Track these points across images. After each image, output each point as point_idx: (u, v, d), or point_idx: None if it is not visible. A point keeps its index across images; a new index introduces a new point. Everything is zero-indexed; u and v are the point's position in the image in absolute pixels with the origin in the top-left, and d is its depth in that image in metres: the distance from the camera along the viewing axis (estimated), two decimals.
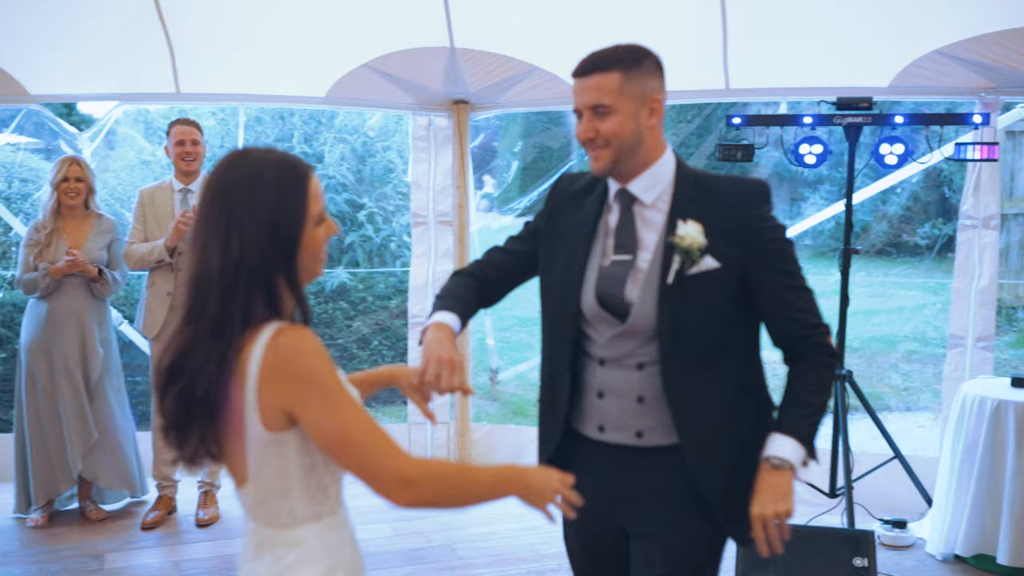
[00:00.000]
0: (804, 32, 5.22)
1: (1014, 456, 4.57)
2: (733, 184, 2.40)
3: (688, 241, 2.28)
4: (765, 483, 2.29)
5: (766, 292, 2.34)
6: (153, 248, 5.12)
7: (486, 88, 5.98)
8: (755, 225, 2.32)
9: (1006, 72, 5.23)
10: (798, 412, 2.35)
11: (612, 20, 5.38)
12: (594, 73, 2.27)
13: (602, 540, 2.50)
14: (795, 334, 2.38)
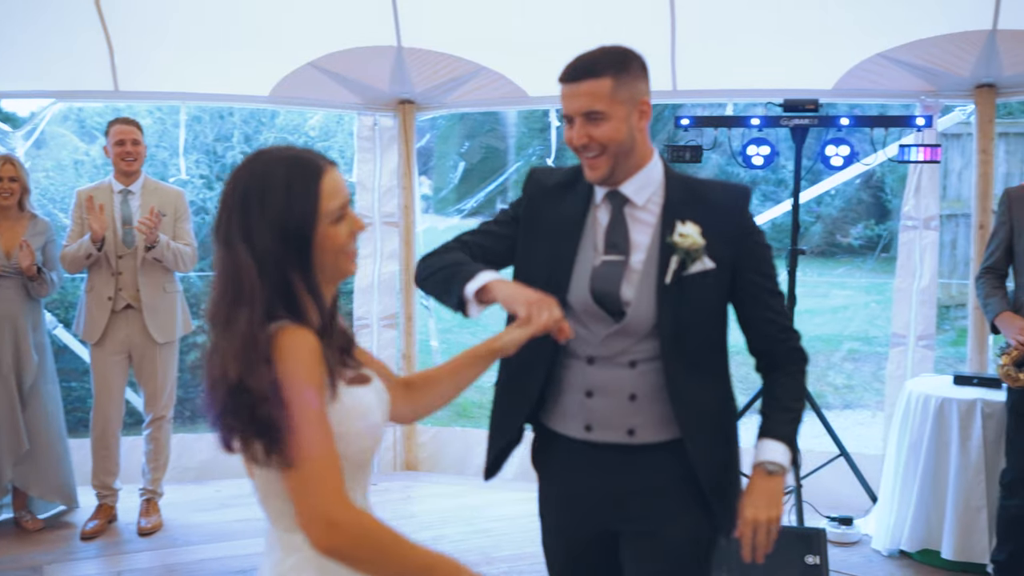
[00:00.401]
0: (751, 34, 5.26)
1: (958, 452, 4.65)
2: (720, 187, 2.44)
3: (689, 241, 2.30)
4: (760, 488, 2.32)
5: (748, 294, 2.39)
6: (80, 245, 4.98)
7: (432, 88, 5.94)
8: (746, 228, 2.38)
9: (946, 76, 5.33)
10: (785, 417, 2.40)
11: (560, 21, 5.38)
12: (586, 79, 2.25)
13: (588, 544, 2.47)
14: (773, 337, 2.43)
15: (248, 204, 1.75)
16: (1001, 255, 4.32)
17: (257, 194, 1.76)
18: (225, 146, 8.16)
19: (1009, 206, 4.30)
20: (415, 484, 6.03)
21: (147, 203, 5.10)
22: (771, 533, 2.29)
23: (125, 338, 5.12)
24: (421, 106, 6.16)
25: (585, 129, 2.26)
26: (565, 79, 2.30)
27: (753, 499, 2.30)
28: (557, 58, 2.31)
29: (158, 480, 5.31)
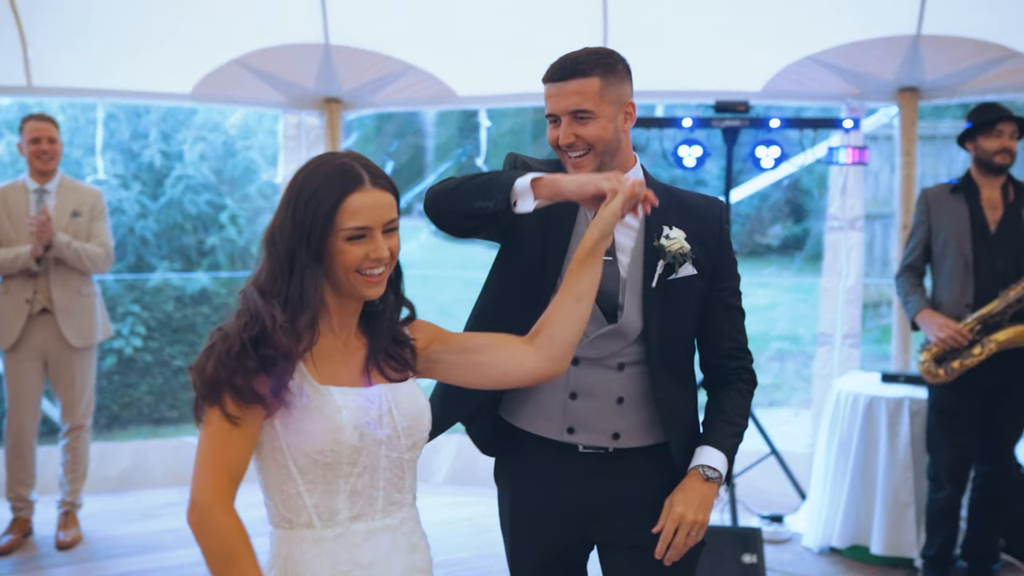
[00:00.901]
0: (683, 35, 5.28)
1: (886, 450, 4.73)
2: (699, 197, 2.45)
3: (677, 246, 2.30)
4: (694, 489, 2.27)
5: (714, 306, 2.38)
6: (17, 256, 4.78)
7: (360, 87, 5.83)
8: (724, 240, 2.40)
9: (871, 79, 5.42)
10: (729, 430, 2.37)
11: (492, 20, 5.34)
12: (574, 78, 2.24)
13: (563, 552, 2.41)
14: (728, 353, 2.42)
15: (286, 202, 1.86)
16: (920, 254, 4.42)
17: (295, 194, 1.85)
18: (141, 144, 7.92)
19: (927, 206, 4.40)
20: None
21: (64, 202, 4.92)
22: (692, 536, 2.24)
23: (40, 343, 4.92)
24: (348, 105, 6.05)
25: (572, 128, 2.25)
26: (552, 78, 2.28)
27: (685, 497, 2.25)
28: (487, 58, 2.28)
29: (77, 491, 5.11)
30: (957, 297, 4.27)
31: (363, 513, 1.90)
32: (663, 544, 2.24)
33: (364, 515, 1.90)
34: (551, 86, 2.28)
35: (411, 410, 1.94)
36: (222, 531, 1.76)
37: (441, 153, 10.13)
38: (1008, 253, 4.24)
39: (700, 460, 2.30)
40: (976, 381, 4.20)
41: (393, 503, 1.94)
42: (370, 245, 1.86)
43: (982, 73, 5.23)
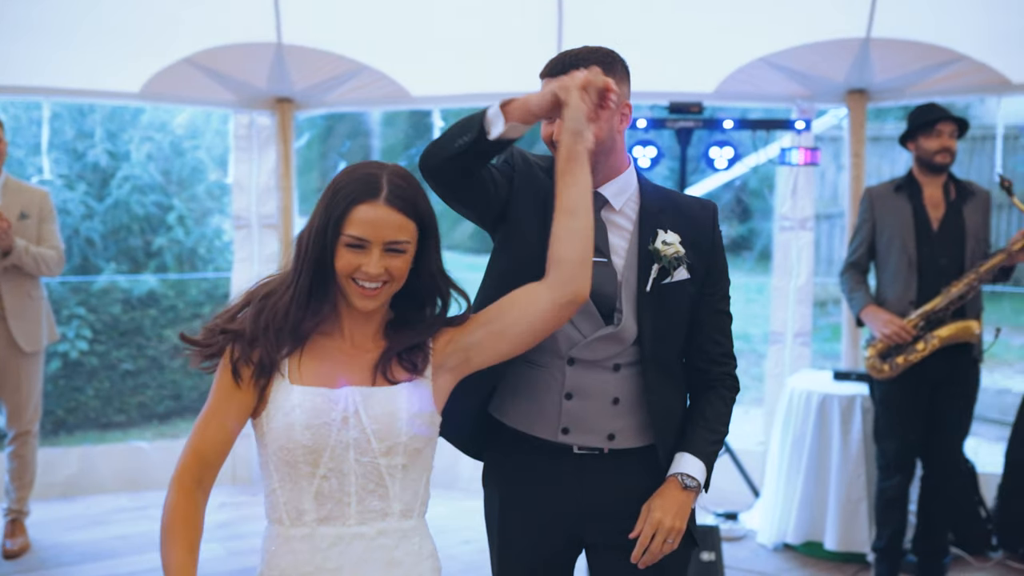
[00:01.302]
0: (637, 37, 5.29)
1: (839, 446, 4.81)
2: (692, 200, 2.45)
3: (672, 250, 2.29)
4: (672, 496, 2.26)
5: (703, 310, 2.36)
6: None
7: (312, 86, 5.78)
8: (716, 244, 2.39)
9: (821, 81, 5.50)
10: (709, 437, 2.35)
11: (447, 20, 5.33)
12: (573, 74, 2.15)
13: (553, 554, 2.39)
14: (714, 358, 2.40)
15: (320, 199, 1.95)
16: (864, 252, 4.50)
17: (327, 192, 1.94)
18: (87, 144, 7.76)
19: (871, 205, 4.48)
20: (255, 499, 5.84)
21: (10, 204, 4.80)
22: (668, 544, 2.24)
23: None
24: (300, 105, 5.99)
25: None
26: (550, 74, 2.24)
27: (664, 504, 2.25)
28: (441, 58, 2.26)
29: (24, 499, 4.99)
30: (901, 294, 4.35)
31: (331, 517, 1.91)
32: (639, 549, 2.23)
33: (333, 519, 1.91)
34: (549, 81, 2.22)
35: (381, 413, 1.91)
36: (168, 506, 1.89)
37: (393, 154, 10.08)
38: (950, 251, 4.33)
39: (679, 468, 2.30)
40: (920, 375, 4.29)
41: (370, 512, 1.92)
42: (364, 258, 1.90)
43: (929, 76, 5.33)
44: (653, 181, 2.46)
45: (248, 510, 5.52)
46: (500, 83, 5.76)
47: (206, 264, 8.13)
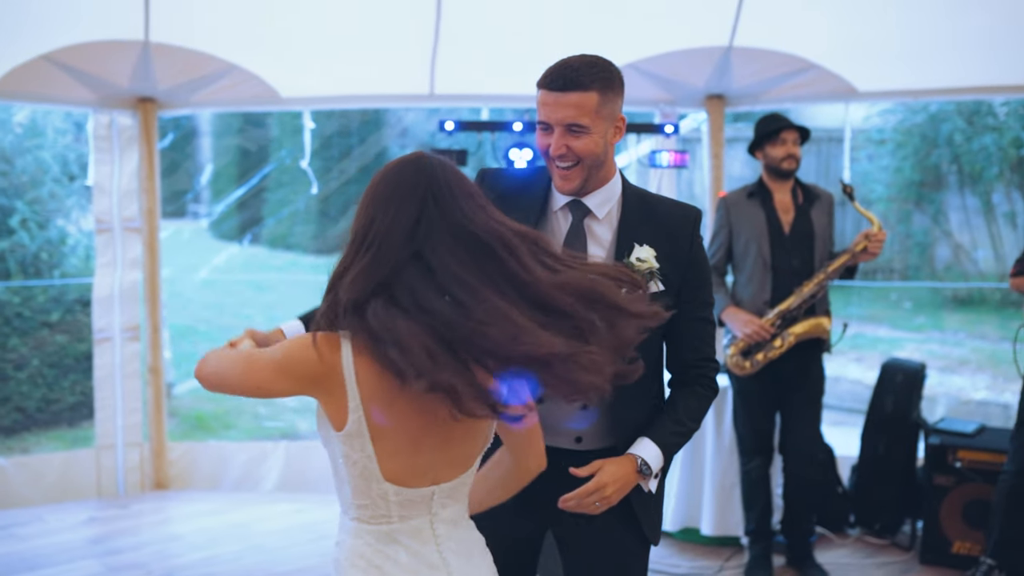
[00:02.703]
0: (513, 42, 5.41)
1: (713, 436, 5.05)
2: (674, 207, 2.47)
3: (646, 265, 2.34)
4: (625, 472, 2.30)
5: (683, 315, 2.39)
6: None
7: (179, 86, 5.62)
8: (694, 254, 2.43)
9: (683, 86, 5.73)
10: (673, 428, 2.40)
11: (323, 20, 5.28)
12: (574, 90, 2.25)
13: (515, 543, 2.44)
14: (691, 362, 2.46)
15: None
16: (722, 256, 4.75)
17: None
18: None
19: (727, 211, 4.74)
20: (171, 504, 5.69)
21: None
22: (595, 506, 2.28)
23: None
24: (163, 104, 5.81)
25: (564, 140, 2.27)
26: (550, 86, 2.27)
27: (615, 473, 2.27)
28: (313, 58, 2.28)
29: None
30: (757, 294, 4.62)
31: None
32: (576, 499, 2.26)
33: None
34: (548, 94, 2.28)
35: None
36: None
37: (263, 155, 9.86)
38: (801, 252, 4.62)
39: (639, 451, 2.34)
40: (771, 367, 4.57)
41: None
42: None
43: (783, 83, 5.64)
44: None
45: (120, 524, 5.33)
46: (373, 85, 5.78)
47: (51, 270, 7.76)
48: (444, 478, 1.92)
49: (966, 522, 4.84)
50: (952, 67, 5.47)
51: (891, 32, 5.28)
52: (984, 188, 11.30)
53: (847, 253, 4.50)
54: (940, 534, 4.88)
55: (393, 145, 10.60)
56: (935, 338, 10.35)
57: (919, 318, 11.23)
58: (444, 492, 1.93)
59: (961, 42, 5.32)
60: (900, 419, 5.25)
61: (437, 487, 1.92)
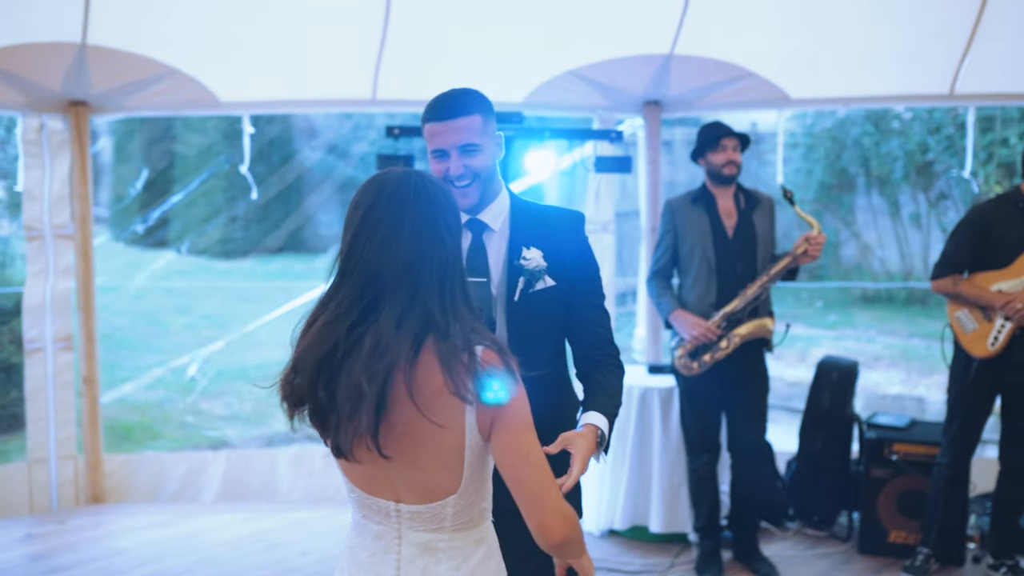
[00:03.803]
0: (458, 50, 5.44)
1: (661, 435, 5.16)
2: (559, 212, 2.76)
3: (533, 264, 2.59)
4: (591, 440, 2.41)
5: (579, 307, 2.68)
6: None
7: (113, 89, 5.49)
8: (581, 251, 2.69)
9: (621, 92, 5.84)
10: (609, 401, 2.60)
11: (267, 23, 5.24)
12: (460, 116, 2.52)
13: None
14: (595, 345, 2.69)
15: None
16: (668, 260, 4.88)
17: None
18: None
19: (672, 216, 4.87)
20: (110, 518, 5.55)
21: None
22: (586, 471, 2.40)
23: None
24: (96, 108, 5.66)
25: (461, 161, 2.54)
26: (439, 118, 2.53)
27: (587, 444, 2.37)
28: (255, 62, 2.31)
29: None
30: (702, 297, 4.75)
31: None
32: (574, 479, 2.33)
33: None
34: (438, 124, 2.54)
35: None
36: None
37: (202, 160, 9.65)
38: (744, 255, 4.78)
39: (591, 420, 2.49)
40: (718, 367, 4.70)
41: None
42: None
43: (718, 90, 5.79)
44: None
45: (59, 540, 5.19)
46: (316, 90, 5.75)
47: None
48: (408, 499, 1.98)
49: (901, 512, 5.04)
50: (879, 76, 5.69)
51: (823, 43, 5.47)
52: (891, 190, 11.74)
53: (789, 256, 4.65)
54: (877, 524, 5.07)
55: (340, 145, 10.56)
56: (848, 335, 10.71)
57: (831, 316, 11.60)
58: (410, 514, 1.99)
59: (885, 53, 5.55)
60: (836, 415, 5.44)
61: (402, 505, 1.98)
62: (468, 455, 1.94)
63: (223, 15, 5.23)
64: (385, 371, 1.84)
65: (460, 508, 1.98)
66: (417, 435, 1.91)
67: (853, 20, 5.34)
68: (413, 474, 1.95)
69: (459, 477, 1.95)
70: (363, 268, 1.90)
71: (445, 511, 1.98)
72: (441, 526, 1.99)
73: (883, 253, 12.29)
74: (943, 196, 11.63)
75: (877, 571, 4.88)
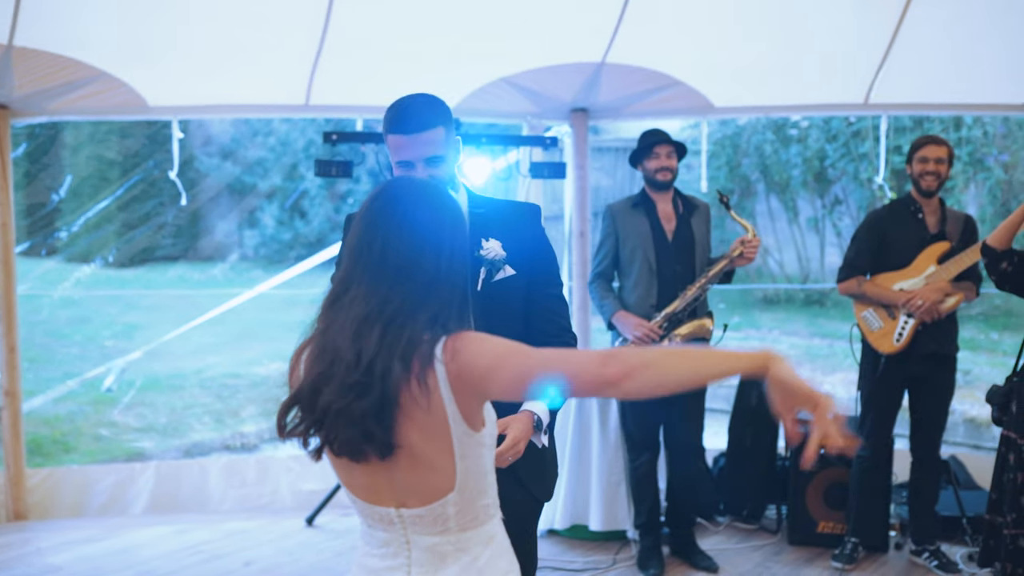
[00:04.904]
0: (397, 56, 5.46)
1: (599, 434, 5.27)
2: (513, 205, 2.93)
3: (493, 254, 2.71)
4: (526, 425, 2.56)
5: (537, 296, 2.82)
6: None
7: (37, 92, 5.34)
8: (538, 240, 2.84)
9: (550, 99, 5.95)
10: None
11: (202, 26, 5.17)
12: (425, 130, 2.61)
13: None
14: (552, 332, 2.82)
15: None
16: (609, 262, 5.02)
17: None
18: None
19: (613, 220, 5.01)
20: (38, 534, 5.38)
21: None
22: (510, 460, 2.51)
23: None
24: (17, 112, 5.50)
25: (428, 171, 2.64)
26: (405, 131, 2.62)
27: (522, 429, 2.54)
28: (184, 65, 2.32)
29: None
30: (643, 298, 4.89)
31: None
32: (505, 454, 2.47)
33: None
34: (403, 137, 2.62)
35: None
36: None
37: (129, 165, 9.36)
38: (683, 258, 4.94)
39: (528, 406, 2.63)
40: None
41: None
42: None
43: (645, 98, 5.95)
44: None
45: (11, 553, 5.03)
46: (247, 94, 5.70)
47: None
48: (409, 504, 1.98)
49: (828, 504, 5.27)
50: (798, 85, 5.94)
51: (749, 54, 5.67)
52: (789, 196, 12.17)
53: (725, 258, 4.82)
54: (806, 516, 5.28)
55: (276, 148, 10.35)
56: (753, 336, 11.05)
57: (735, 317, 11.96)
58: (413, 518, 1.98)
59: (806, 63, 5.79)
60: (763, 412, 5.63)
61: (403, 510, 1.98)
62: (457, 448, 1.92)
63: (153, 18, 5.13)
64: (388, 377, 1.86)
65: (461, 506, 1.97)
66: (409, 435, 1.91)
67: (780, 32, 5.55)
68: (410, 476, 1.95)
69: (453, 473, 1.94)
70: (371, 272, 1.92)
71: (447, 511, 1.97)
72: (446, 527, 1.98)
73: (781, 256, 12.72)
74: (838, 201, 12.11)
75: (809, 560, 5.08)
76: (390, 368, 1.85)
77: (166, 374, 9.23)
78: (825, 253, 12.30)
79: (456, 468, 1.94)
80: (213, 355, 10.09)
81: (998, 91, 5.84)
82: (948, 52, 5.65)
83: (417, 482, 1.95)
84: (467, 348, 1.89)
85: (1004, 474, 4.07)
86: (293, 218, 15.85)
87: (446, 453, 1.92)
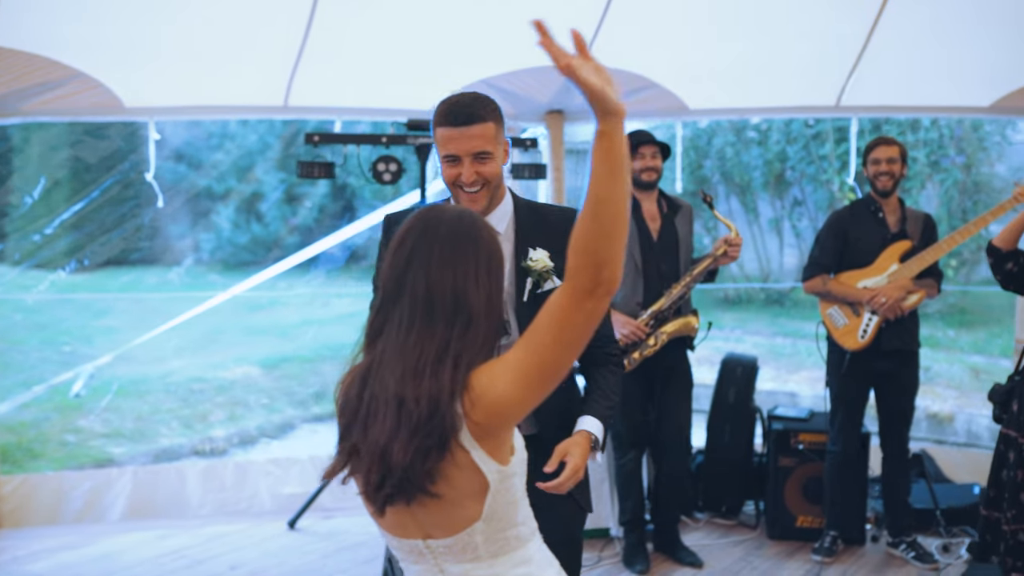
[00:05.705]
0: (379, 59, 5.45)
1: None
2: (558, 210, 2.86)
3: (540, 265, 2.66)
4: (584, 447, 2.60)
5: None
6: None
7: (11, 93, 5.25)
8: None
9: (528, 101, 5.99)
10: (604, 403, 2.76)
11: (179, 26, 5.12)
12: (475, 123, 2.57)
13: None
14: (597, 344, 2.69)
15: None
16: None
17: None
18: None
19: None
20: (15, 542, 5.27)
21: None
22: (576, 480, 2.55)
23: None
24: None
25: (474, 167, 2.60)
26: (454, 123, 2.57)
27: (582, 454, 2.56)
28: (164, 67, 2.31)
29: None
30: (629, 297, 4.94)
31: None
32: (557, 483, 2.50)
33: None
34: (451, 130, 2.59)
35: None
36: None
37: (106, 167, 9.21)
38: (668, 257, 5.00)
39: (584, 426, 2.65)
40: (644, 365, 4.89)
41: None
42: None
43: (623, 99, 5.99)
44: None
45: None
46: (227, 96, 5.66)
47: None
48: (436, 535, 1.97)
49: (806, 498, 5.36)
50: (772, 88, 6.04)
51: (725, 57, 5.76)
52: (750, 197, 12.33)
53: (709, 257, 4.88)
54: (785, 511, 5.37)
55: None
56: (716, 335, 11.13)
57: None
58: (441, 549, 1.98)
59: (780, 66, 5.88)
60: (741, 409, 5.72)
61: (431, 541, 1.98)
62: (492, 485, 1.92)
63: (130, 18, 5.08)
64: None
65: (488, 535, 1.96)
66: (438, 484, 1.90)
67: (754, 35, 5.63)
68: (434, 515, 1.95)
69: (482, 503, 1.92)
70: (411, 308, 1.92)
71: (474, 539, 1.96)
72: (476, 555, 1.97)
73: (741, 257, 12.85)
74: (797, 203, 12.29)
75: (789, 554, 5.17)
76: (449, 411, 1.87)
77: (131, 379, 9.11)
78: (784, 254, 12.47)
79: (485, 502, 1.93)
80: (176, 359, 9.98)
81: (965, 94, 5.99)
82: (919, 56, 5.78)
83: (444, 514, 1.95)
84: (484, 396, 1.88)
85: (1002, 471, 4.16)
86: (249, 221, 15.73)
87: (477, 493, 1.92)
